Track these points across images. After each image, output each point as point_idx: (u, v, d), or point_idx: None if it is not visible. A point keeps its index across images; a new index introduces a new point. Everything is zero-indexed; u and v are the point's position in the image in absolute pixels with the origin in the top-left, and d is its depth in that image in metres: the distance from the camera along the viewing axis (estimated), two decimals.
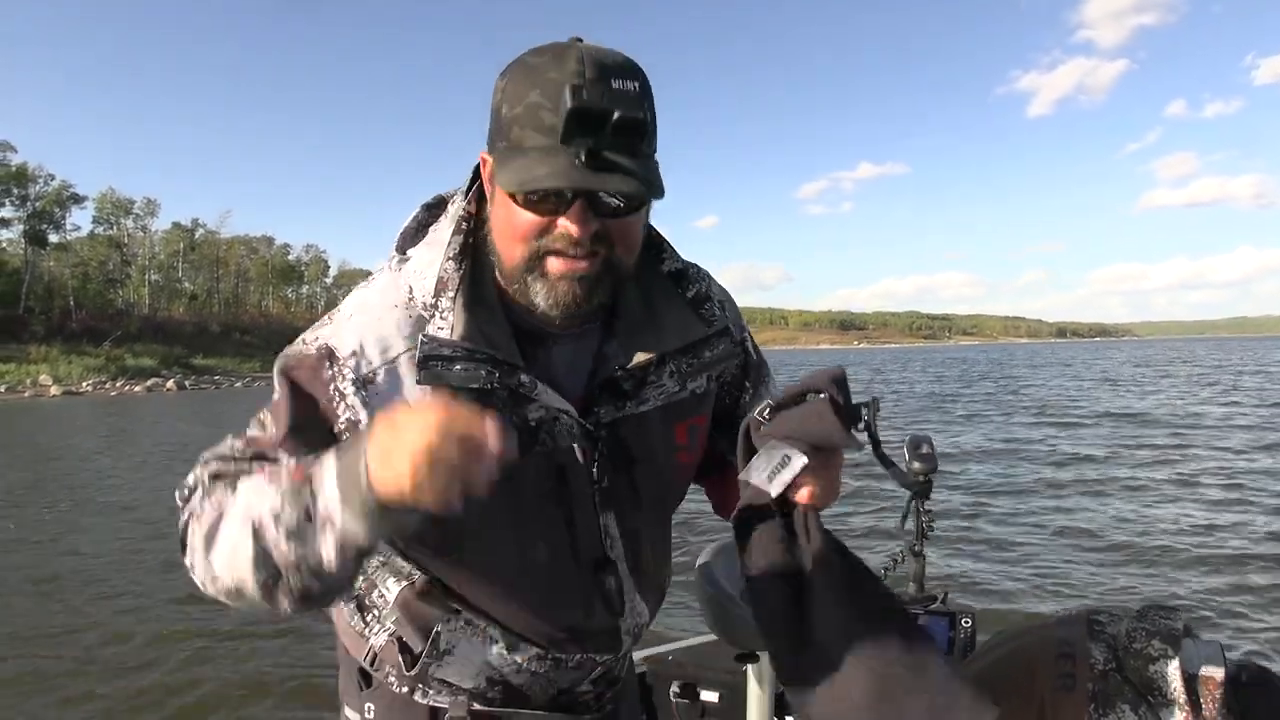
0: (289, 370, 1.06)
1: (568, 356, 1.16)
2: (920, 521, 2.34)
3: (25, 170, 75.33)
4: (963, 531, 8.60)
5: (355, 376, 1.04)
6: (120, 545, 9.07)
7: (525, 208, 1.00)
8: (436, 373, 1.03)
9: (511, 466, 1.03)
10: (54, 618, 6.53)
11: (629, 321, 1.17)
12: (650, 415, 1.18)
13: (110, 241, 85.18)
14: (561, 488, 1.14)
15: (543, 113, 0.96)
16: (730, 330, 1.25)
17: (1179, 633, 0.66)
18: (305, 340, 1.09)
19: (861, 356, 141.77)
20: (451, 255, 1.10)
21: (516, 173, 0.98)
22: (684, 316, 1.19)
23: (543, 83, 0.97)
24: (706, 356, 1.21)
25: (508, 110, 1.00)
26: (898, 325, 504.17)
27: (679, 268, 1.24)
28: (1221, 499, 9.99)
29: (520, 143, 0.98)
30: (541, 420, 1.10)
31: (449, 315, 1.05)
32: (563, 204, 0.99)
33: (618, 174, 0.96)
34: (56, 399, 47.28)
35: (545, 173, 0.96)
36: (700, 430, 1.27)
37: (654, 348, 1.15)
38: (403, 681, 1.24)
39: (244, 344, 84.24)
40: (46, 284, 74.69)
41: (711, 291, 1.26)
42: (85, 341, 66.64)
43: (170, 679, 5.27)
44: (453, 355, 1.03)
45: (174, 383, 58.50)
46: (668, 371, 1.18)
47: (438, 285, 1.08)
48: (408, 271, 1.12)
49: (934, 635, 1.69)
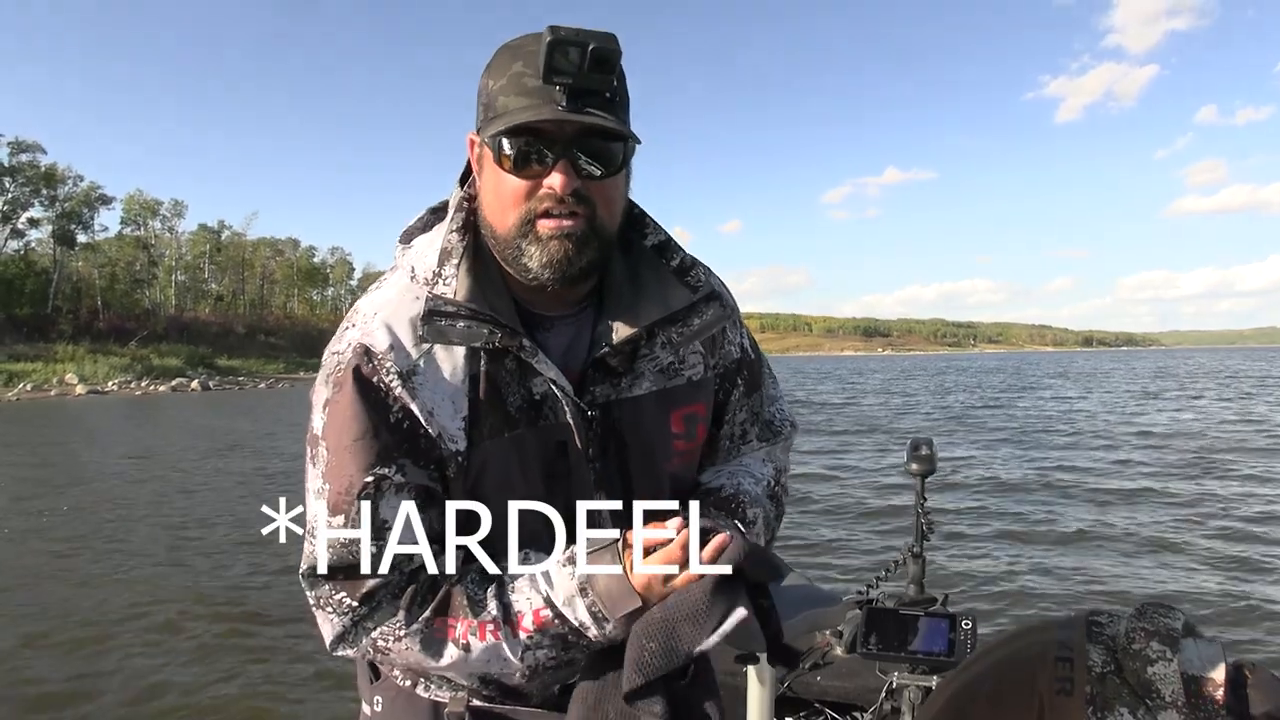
0: (339, 381, 1.11)
1: (563, 339, 1.21)
2: (920, 523, 2.34)
3: (55, 171, 76.31)
4: (963, 533, 8.59)
5: (399, 370, 1.10)
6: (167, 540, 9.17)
7: (511, 172, 1.08)
8: (439, 328, 1.11)
9: (521, 437, 1.15)
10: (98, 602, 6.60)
11: (617, 299, 1.21)
12: (644, 400, 1.22)
13: (138, 242, 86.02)
14: (563, 463, 1.17)
15: (525, 78, 1.06)
16: (720, 295, 1.29)
17: (1178, 632, 0.63)
18: (337, 351, 1.13)
19: (885, 363, 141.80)
20: (455, 228, 1.17)
21: (500, 123, 1.06)
22: (669, 285, 1.24)
23: (525, 55, 1.06)
24: (696, 324, 1.26)
25: (493, 84, 1.10)
26: (922, 332, 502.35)
27: (662, 240, 1.28)
28: (1224, 502, 9.93)
29: (505, 109, 1.07)
30: (545, 395, 1.15)
31: (452, 281, 1.13)
32: (545, 164, 1.07)
33: (595, 114, 1.04)
34: (81, 398, 47.85)
35: (524, 106, 1.05)
36: (699, 419, 1.29)
37: (641, 321, 1.19)
38: (406, 674, 1.25)
39: (269, 345, 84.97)
40: (74, 284, 75.75)
41: (697, 261, 1.29)
42: (112, 341, 67.39)
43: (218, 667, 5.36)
44: (456, 313, 1.11)
45: (198, 383, 59.03)
46: (659, 343, 1.22)
47: (441, 255, 1.15)
48: (410, 255, 1.18)
49: (935, 636, 1.68)
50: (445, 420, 1.12)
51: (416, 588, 1.10)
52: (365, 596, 1.09)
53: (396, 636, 1.09)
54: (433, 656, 1.09)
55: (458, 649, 1.08)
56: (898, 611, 1.73)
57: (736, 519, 1.24)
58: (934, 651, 1.67)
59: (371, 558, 1.08)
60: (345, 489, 1.08)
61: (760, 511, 1.30)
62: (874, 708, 2.02)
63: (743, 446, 1.39)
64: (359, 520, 1.07)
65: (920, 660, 1.71)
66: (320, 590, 1.11)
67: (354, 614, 1.09)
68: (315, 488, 1.11)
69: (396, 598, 1.09)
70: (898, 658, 1.72)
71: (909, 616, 1.71)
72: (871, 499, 10.50)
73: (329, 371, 1.13)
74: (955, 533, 8.55)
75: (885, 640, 1.71)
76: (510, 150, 1.07)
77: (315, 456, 1.12)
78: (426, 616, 1.09)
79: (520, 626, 1.08)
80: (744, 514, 1.26)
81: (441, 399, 1.11)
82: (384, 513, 1.08)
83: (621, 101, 1.10)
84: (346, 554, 1.08)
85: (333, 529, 1.09)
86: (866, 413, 26.09)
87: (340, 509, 1.08)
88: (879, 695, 2.00)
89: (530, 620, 1.08)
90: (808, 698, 2.35)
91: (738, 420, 1.37)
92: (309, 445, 1.13)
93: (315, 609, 1.13)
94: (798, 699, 2.40)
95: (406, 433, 1.10)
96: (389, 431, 1.09)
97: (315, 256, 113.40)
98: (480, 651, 1.08)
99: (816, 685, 2.34)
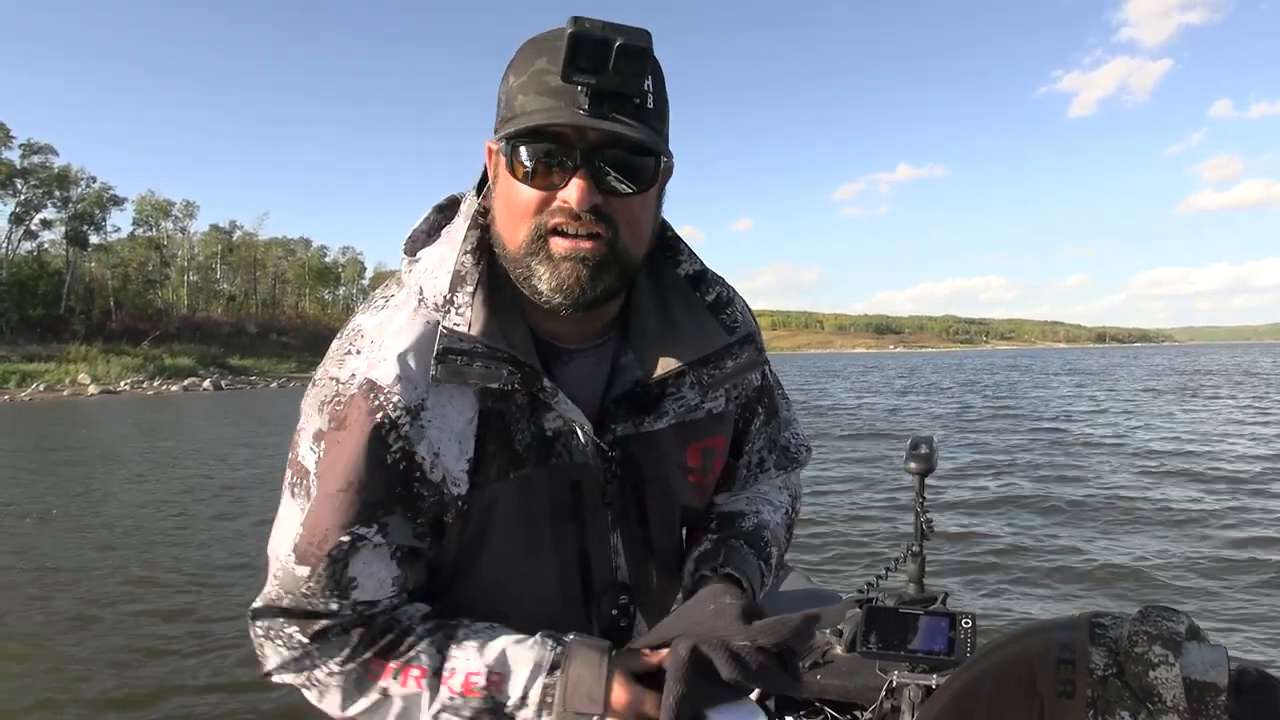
0: (338, 416, 1.00)
1: (583, 371, 1.12)
2: (920, 522, 2.33)
3: (67, 172, 76.75)
4: (963, 532, 8.59)
5: (406, 406, 1.00)
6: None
7: (525, 181, 0.97)
8: (455, 368, 0.99)
9: (528, 477, 1.05)
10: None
11: (645, 330, 1.12)
12: (662, 434, 1.14)
13: (150, 243, 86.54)
14: (576, 502, 1.09)
15: (547, 76, 0.94)
16: (754, 338, 1.18)
17: (1181, 636, 0.62)
18: (337, 378, 1.02)
19: (896, 360, 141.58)
20: (468, 250, 1.05)
21: (514, 125, 0.95)
22: (704, 323, 1.13)
23: (550, 50, 0.95)
24: (729, 366, 1.15)
25: (514, 80, 0.98)
26: (934, 329, 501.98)
27: (697, 270, 1.17)
28: (1228, 503, 9.89)
29: (522, 109, 0.96)
30: (559, 431, 1.06)
31: (466, 311, 1.01)
32: (563, 174, 0.96)
33: (621, 120, 0.93)
34: (94, 398, 48.12)
35: (542, 108, 0.94)
36: (716, 453, 1.22)
37: (673, 358, 1.09)
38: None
39: (280, 345, 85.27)
40: (87, 284, 76.10)
41: (734, 295, 1.19)
42: (124, 341, 67.77)
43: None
44: (472, 351, 1.00)
45: (210, 383, 59.32)
46: (688, 383, 1.13)
47: (453, 280, 1.04)
48: (417, 272, 1.07)
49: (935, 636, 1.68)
50: (449, 463, 1.02)
51: (369, 628, 1.04)
52: (317, 634, 1.03)
53: (331, 671, 1.03)
54: (353, 697, 1.03)
55: (377, 692, 1.02)
56: (897, 610, 1.72)
57: (762, 560, 1.20)
58: (934, 650, 1.67)
59: (331, 611, 1.02)
60: (318, 541, 1.00)
61: (778, 550, 1.26)
62: (874, 706, 2.02)
63: (760, 475, 1.34)
64: (323, 575, 1.00)
65: (920, 659, 1.71)
66: (272, 622, 1.04)
67: (303, 649, 1.03)
68: (288, 526, 1.03)
69: (345, 633, 1.03)
70: (898, 656, 1.71)
71: (909, 615, 1.70)
72: (871, 498, 10.49)
73: (326, 399, 1.02)
74: (956, 532, 8.55)
75: (885, 639, 1.70)
76: (524, 157, 0.97)
77: (296, 488, 1.03)
78: (366, 658, 1.03)
79: (447, 683, 1.01)
80: (768, 553, 1.22)
81: (448, 439, 1.02)
82: (353, 570, 1.01)
83: (657, 110, 0.98)
84: (305, 602, 1.02)
85: (295, 577, 1.01)
86: (867, 412, 26.02)
87: (307, 560, 1.00)
88: (879, 694, 1.99)
89: (460, 681, 1.01)
90: (807, 696, 2.35)
91: (756, 449, 1.31)
92: (290, 469, 1.04)
93: (262, 639, 1.06)
94: (797, 698, 2.39)
95: (401, 481, 1.01)
96: (383, 481, 1.00)
97: (327, 256, 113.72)
98: (398, 695, 1.02)
99: (816, 684, 2.34)
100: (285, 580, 1.02)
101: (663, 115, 1.00)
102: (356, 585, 1.01)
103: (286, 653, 1.04)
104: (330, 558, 1.00)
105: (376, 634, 1.04)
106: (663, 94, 0.99)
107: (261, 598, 1.05)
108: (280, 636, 1.04)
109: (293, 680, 1.06)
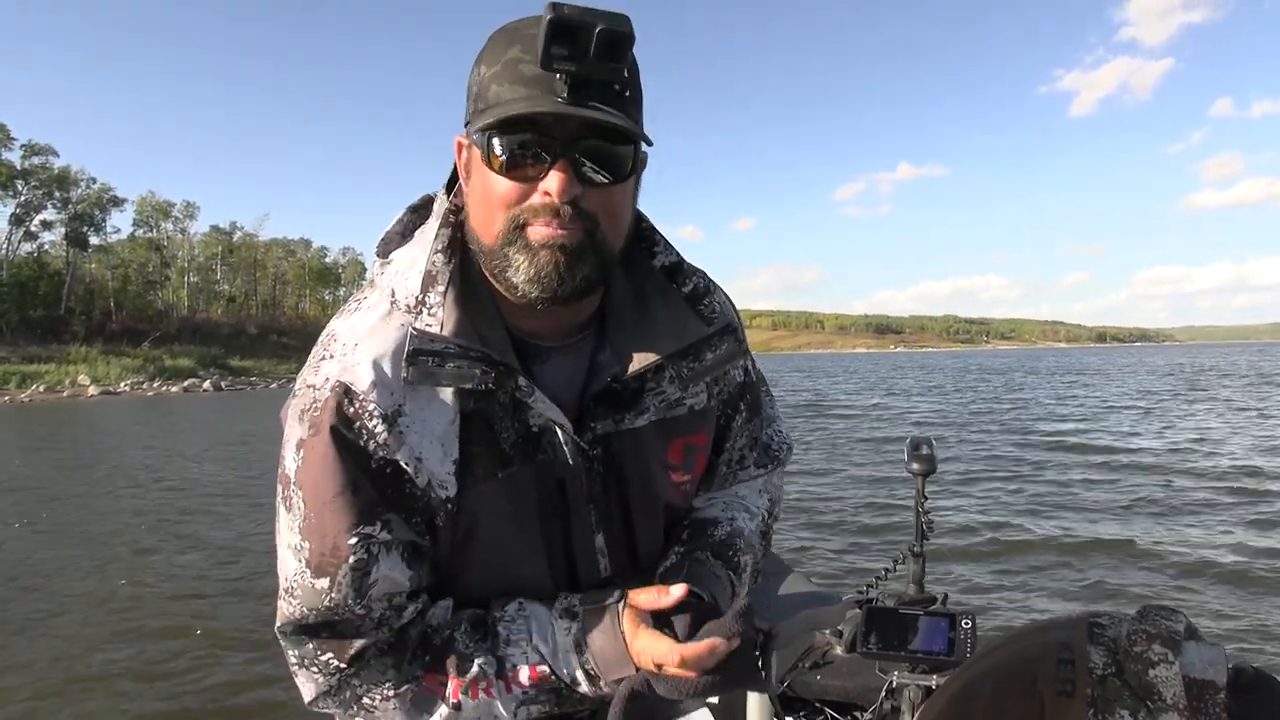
0: (316, 423, 0.98)
1: (561, 369, 1.10)
2: (920, 523, 2.33)
3: (67, 173, 76.62)
4: (964, 532, 8.59)
5: (383, 412, 0.98)
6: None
7: (502, 173, 0.95)
8: (427, 370, 0.97)
9: (516, 475, 1.04)
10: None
11: (622, 325, 1.10)
12: (644, 431, 1.12)
13: (150, 244, 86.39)
14: (560, 501, 1.08)
15: (522, 65, 0.92)
16: (734, 328, 1.16)
17: (1180, 635, 0.62)
18: (313, 385, 1.00)
19: (897, 360, 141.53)
20: (440, 249, 1.03)
21: (490, 115, 0.93)
22: (681, 315, 1.12)
23: (523, 39, 0.93)
24: (709, 358, 1.14)
25: (485, 70, 0.96)
26: (935, 329, 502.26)
27: (674, 261, 1.16)
28: (1230, 504, 9.90)
29: (497, 99, 0.93)
30: (543, 427, 1.05)
31: (438, 311, 1.00)
32: (541, 165, 0.94)
33: (602, 109, 0.92)
34: (94, 399, 48.06)
35: (519, 97, 0.92)
36: (698, 450, 1.21)
37: (650, 352, 1.08)
38: None
39: (281, 346, 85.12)
40: (87, 285, 75.99)
41: (713, 286, 1.17)
42: (125, 342, 67.72)
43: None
44: (444, 351, 0.98)
45: (210, 383, 59.28)
46: (667, 376, 1.12)
47: (425, 279, 1.02)
48: (389, 274, 1.06)
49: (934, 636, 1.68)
50: (434, 466, 1.01)
51: (407, 643, 1.03)
52: (354, 658, 1.01)
53: (385, 696, 1.03)
54: (421, 715, 1.03)
55: (447, 708, 1.03)
56: (897, 611, 1.72)
57: (730, 569, 1.19)
58: (934, 651, 1.66)
59: (358, 618, 1.00)
60: (330, 550, 0.98)
61: (750, 559, 1.25)
62: (874, 707, 2.02)
63: (740, 472, 1.33)
64: (344, 583, 0.99)
65: (920, 659, 1.71)
66: (304, 649, 1.02)
67: (341, 674, 1.02)
68: (292, 542, 1.01)
69: (385, 654, 1.02)
70: (898, 657, 1.71)
71: (909, 616, 1.70)
72: (872, 498, 10.49)
73: (304, 407, 1.00)
74: (956, 532, 8.55)
75: (885, 639, 1.70)
76: (501, 148, 0.94)
77: (289, 502, 1.01)
78: (417, 675, 1.03)
79: (516, 682, 1.04)
80: (737, 563, 1.21)
81: (430, 442, 1.00)
82: (371, 573, 1.00)
83: (634, 97, 0.97)
84: (330, 615, 1.00)
85: (316, 591, 0.99)
86: (868, 412, 26.00)
87: (325, 571, 0.98)
88: (879, 694, 1.99)
89: (526, 676, 1.04)
90: (808, 697, 2.36)
91: (737, 446, 1.30)
92: (281, 485, 1.02)
93: (297, 667, 1.04)
94: (798, 698, 2.40)
95: (390, 483, 1.00)
96: (372, 484, 0.99)
97: (327, 257, 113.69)
98: (470, 709, 1.03)
99: (816, 684, 2.35)
100: (306, 597, 1.00)
101: (639, 103, 0.99)
102: (377, 587, 1.00)
103: (324, 680, 1.03)
104: (346, 563, 0.98)
105: (418, 648, 1.04)
106: (638, 80, 0.99)
107: (283, 618, 1.03)
108: (315, 664, 1.03)
109: (336, 710, 1.06)
